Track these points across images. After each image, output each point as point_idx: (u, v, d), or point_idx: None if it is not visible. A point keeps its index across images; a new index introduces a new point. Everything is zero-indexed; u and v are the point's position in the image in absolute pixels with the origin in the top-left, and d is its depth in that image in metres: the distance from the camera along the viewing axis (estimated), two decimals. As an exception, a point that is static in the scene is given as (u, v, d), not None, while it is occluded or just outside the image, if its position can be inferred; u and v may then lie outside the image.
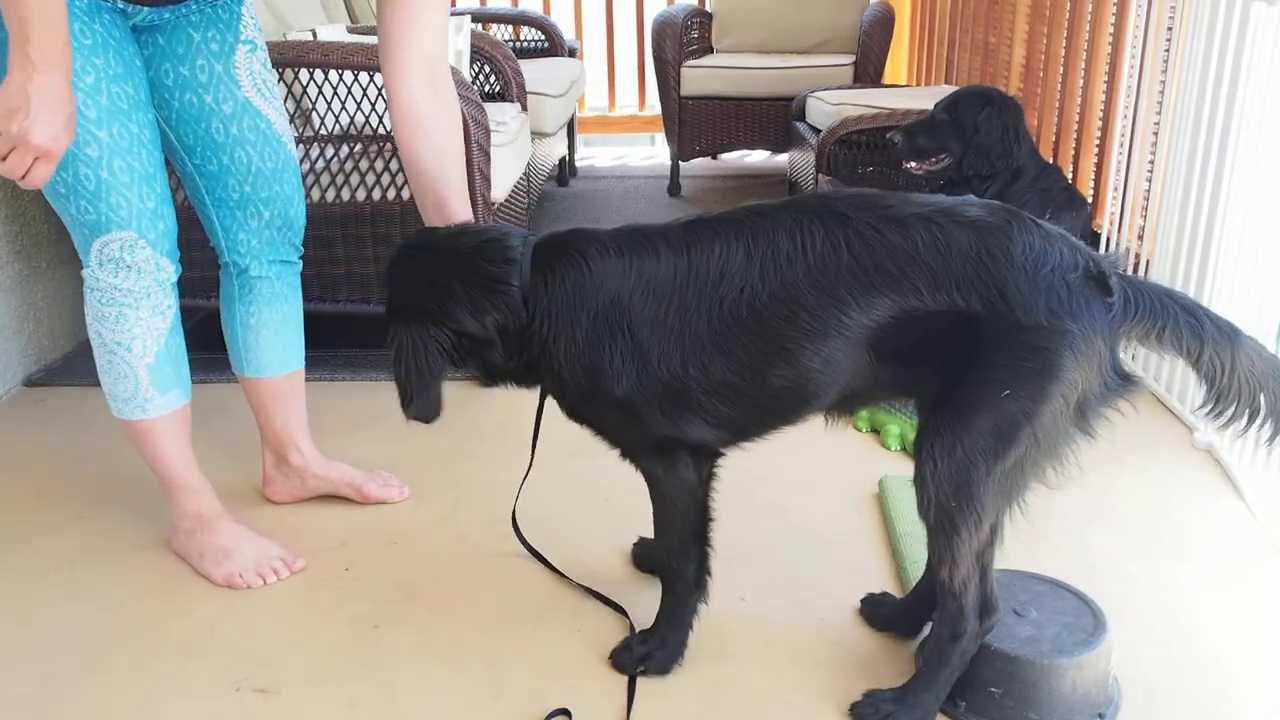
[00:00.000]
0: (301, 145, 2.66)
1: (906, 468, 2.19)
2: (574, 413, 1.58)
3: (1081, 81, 3.38)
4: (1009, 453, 1.36)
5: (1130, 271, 2.87)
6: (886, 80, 4.95)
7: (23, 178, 1.50)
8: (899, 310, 1.37)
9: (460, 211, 1.75)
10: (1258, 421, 1.38)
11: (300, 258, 2.04)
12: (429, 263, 1.54)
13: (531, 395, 2.70)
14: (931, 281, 1.35)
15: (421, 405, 1.53)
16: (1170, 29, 2.80)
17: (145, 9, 1.71)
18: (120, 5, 1.67)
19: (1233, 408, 1.36)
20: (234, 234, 1.93)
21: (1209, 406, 1.38)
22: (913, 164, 2.97)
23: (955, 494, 1.38)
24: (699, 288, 1.43)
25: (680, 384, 1.45)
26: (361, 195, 2.65)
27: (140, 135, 1.69)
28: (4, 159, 1.48)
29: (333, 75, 2.60)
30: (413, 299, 1.52)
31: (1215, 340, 1.34)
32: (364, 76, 2.60)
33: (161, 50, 1.78)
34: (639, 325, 1.44)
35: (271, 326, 2.01)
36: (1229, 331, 1.36)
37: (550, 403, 1.63)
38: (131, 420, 1.85)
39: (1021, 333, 1.32)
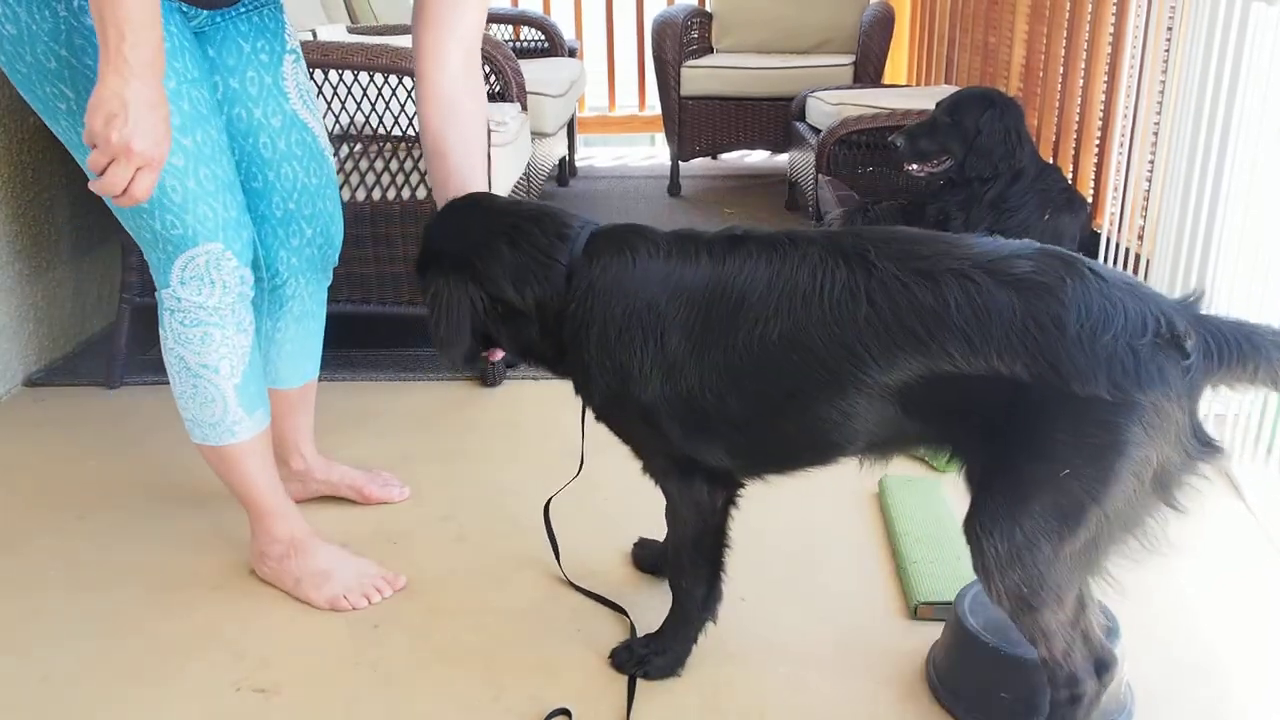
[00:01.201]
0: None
1: (906, 468, 2.20)
2: (600, 413, 1.55)
3: (1081, 81, 3.38)
4: (1076, 534, 1.25)
5: (1133, 272, 2.88)
6: (886, 80, 4.95)
7: (123, 193, 1.41)
8: (927, 371, 1.27)
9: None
10: None
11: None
12: (482, 220, 1.51)
13: (533, 395, 2.70)
14: (966, 347, 1.24)
15: (455, 354, 1.50)
16: (1170, 29, 2.80)
17: (204, 12, 1.67)
18: (183, 7, 1.63)
19: None
20: (274, 251, 1.87)
21: None
22: (914, 166, 2.97)
23: (1025, 580, 1.27)
24: (721, 311, 1.37)
25: (699, 404, 1.41)
26: (361, 195, 2.65)
27: (219, 141, 1.64)
28: (101, 173, 1.40)
29: (332, 75, 2.60)
30: (458, 250, 1.49)
31: None
32: (364, 76, 2.60)
33: (211, 62, 1.72)
34: (670, 333, 1.40)
35: (296, 342, 1.98)
36: None
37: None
38: (219, 446, 1.78)
39: (1079, 405, 1.20)
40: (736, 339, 1.36)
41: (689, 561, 1.59)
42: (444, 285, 1.48)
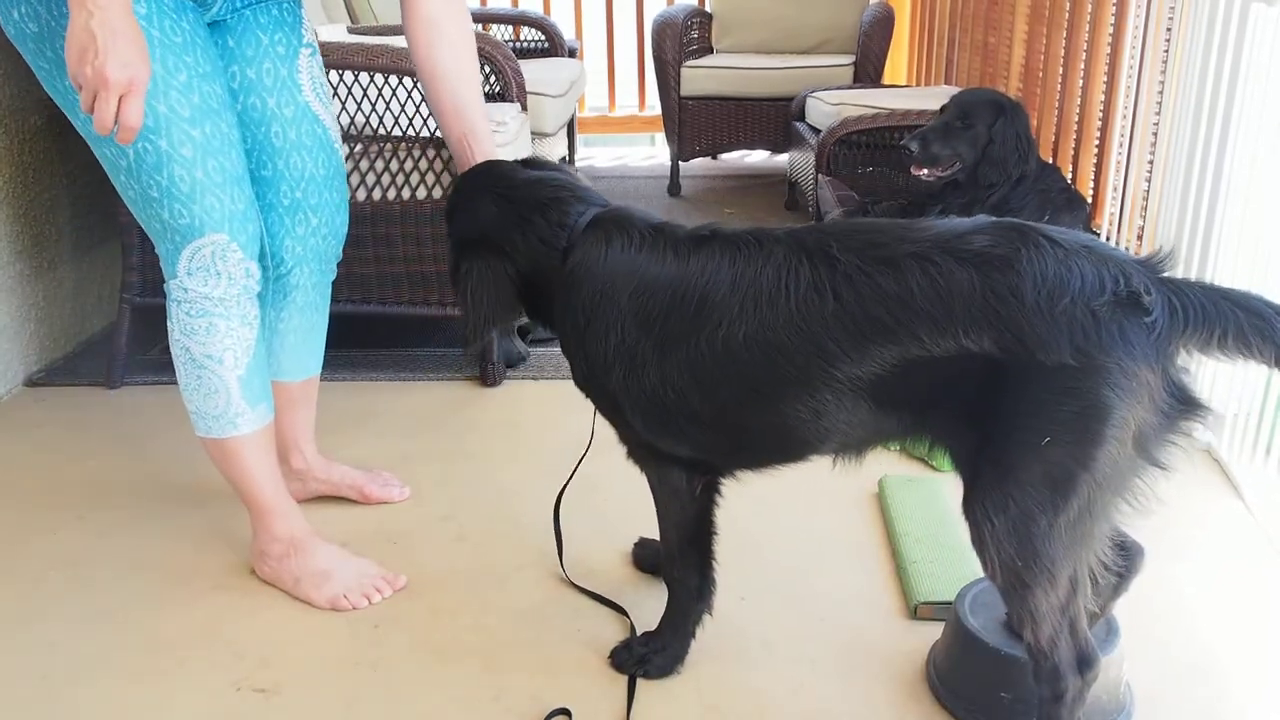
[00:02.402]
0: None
1: (906, 468, 2.20)
2: (580, 386, 1.58)
3: (1081, 81, 3.38)
4: (1069, 503, 1.24)
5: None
6: (886, 80, 4.95)
7: (116, 127, 1.45)
8: (900, 359, 1.27)
9: (482, 120, 1.76)
10: None
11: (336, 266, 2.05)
12: (501, 206, 1.55)
13: (533, 395, 2.71)
14: (933, 328, 1.25)
15: (501, 325, 1.57)
16: (1170, 28, 2.80)
17: (220, 1, 1.71)
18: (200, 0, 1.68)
19: None
20: (280, 239, 1.89)
21: None
22: (925, 171, 2.95)
23: (1020, 553, 1.27)
24: (683, 312, 1.39)
25: (661, 400, 1.43)
26: (361, 195, 2.65)
27: (229, 135, 1.69)
28: (91, 112, 1.44)
29: (333, 75, 2.60)
30: (491, 212, 1.54)
31: None
32: (364, 77, 2.60)
33: (230, 52, 1.77)
34: (629, 328, 1.43)
35: (299, 333, 2.00)
36: None
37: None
38: (221, 438, 1.79)
39: (1048, 375, 1.20)
40: (699, 339, 1.37)
41: (677, 549, 1.60)
42: (480, 263, 1.53)
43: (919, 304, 1.26)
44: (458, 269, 1.55)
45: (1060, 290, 1.21)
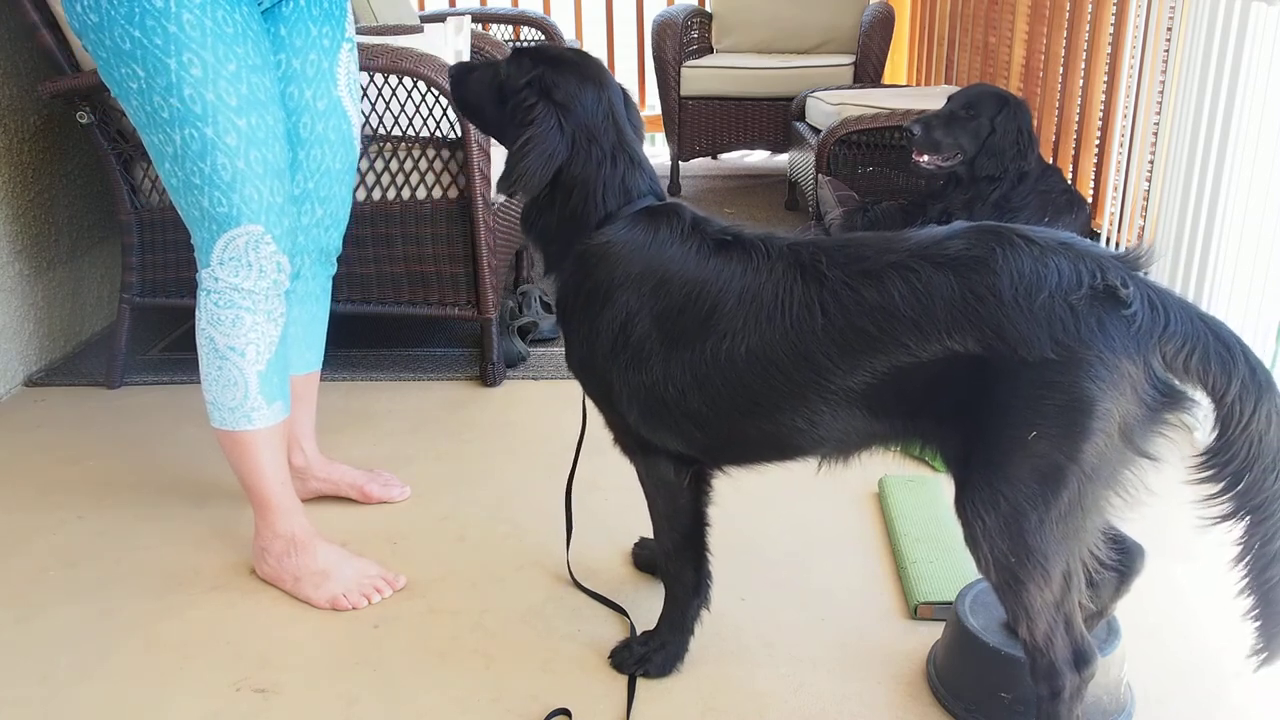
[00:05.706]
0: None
1: (906, 468, 2.20)
2: (574, 372, 1.58)
3: (1081, 81, 3.38)
4: (1059, 497, 1.25)
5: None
6: (886, 80, 4.95)
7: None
8: (889, 366, 1.30)
9: None
10: (1247, 523, 1.25)
11: (337, 261, 2.06)
12: (606, 125, 1.51)
13: (533, 395, 2.71)
14: (917, 333, 1.27)
15: (531, 185, 1.50)
16: (1170, 29, 2.80)
17: None
18: None
19: (1228, 474, 1.24)
20: None
21: (1207, 459, 1.25)
22: (925, 157, 2.94)
23: (1012, 549, 1.28)
24: (694, 316, 1.41)
25: (660, 396, 1.44)
26: (361, 195, 2.64)
27: (274, 129, 1.71)
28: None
29: (333, 75, 2.59)
30: (582, 119, 1.50)
31: (1245, 383, 1.20)
32: (363, 77, 2.60)
33: (280, 41, 1.81)
34: (643, 321, 1.44)
35: (299, 325, 2.01)
36: (1263, 380, 1.21)
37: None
38: (234, 431, 1.81)
39: (1031, 370, 1.22)
40: (704, 347, 1.40)
41: (671, 543, 1.61)
42: (556, 131, 1.48)
43: (902, 311, 1.28)
44: (534, 115, 1.48)
45: (1037, 286, 1.23)
